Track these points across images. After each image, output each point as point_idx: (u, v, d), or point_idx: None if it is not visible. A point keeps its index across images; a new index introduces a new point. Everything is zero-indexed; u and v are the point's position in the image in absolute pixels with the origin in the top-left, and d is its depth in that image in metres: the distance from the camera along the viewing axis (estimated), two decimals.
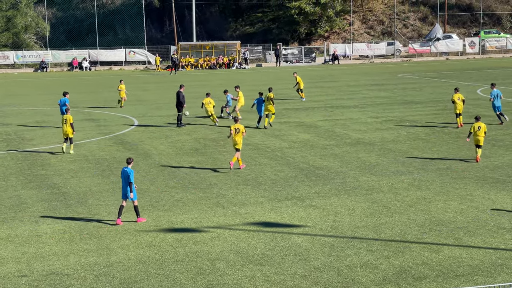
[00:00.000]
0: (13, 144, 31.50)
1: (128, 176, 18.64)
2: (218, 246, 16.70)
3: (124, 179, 18.75)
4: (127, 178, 18.66)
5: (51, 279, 14.77)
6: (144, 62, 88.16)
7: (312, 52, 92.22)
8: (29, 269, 15.34)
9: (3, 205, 20.75)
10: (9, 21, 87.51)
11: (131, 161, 19.04)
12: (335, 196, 21.38)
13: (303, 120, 37.20)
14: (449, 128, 33.50)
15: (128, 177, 18.63)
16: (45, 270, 15.29)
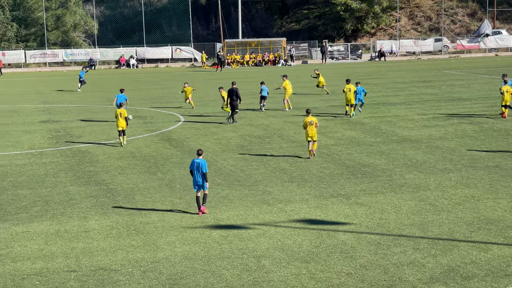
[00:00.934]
0: (62, 141, 31.97)
1: (202, 166, 19.15)
2: (263, 243, 16.72)
3: (198, 170, 19.16)
4: (201, 169, 19.15)
5: (99, 274, 14.95)
6: (190, 60, 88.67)
7: (358, 49, 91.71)
8: (78, 264, 15.55)
9: (53, 201, 21.08)
10: (59, 20, 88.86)
11: (201, 152, 19.55)
12: (381, 193, 21.23)
13: (348, 117, 36.98)
14: (498, 125, 33.01)
15: (203, 167, 19.15)
16: (93, 265, 15.49)
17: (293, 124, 35.21)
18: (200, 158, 19.39)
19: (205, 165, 19.26)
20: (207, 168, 19.36)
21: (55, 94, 54.04)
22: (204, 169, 19.19)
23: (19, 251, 16.53)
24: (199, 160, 19.29)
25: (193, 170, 19.29)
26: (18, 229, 18.30)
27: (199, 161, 19.28)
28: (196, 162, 19.26)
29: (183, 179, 23.56)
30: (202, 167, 19.18)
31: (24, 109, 44.31)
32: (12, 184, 23.47)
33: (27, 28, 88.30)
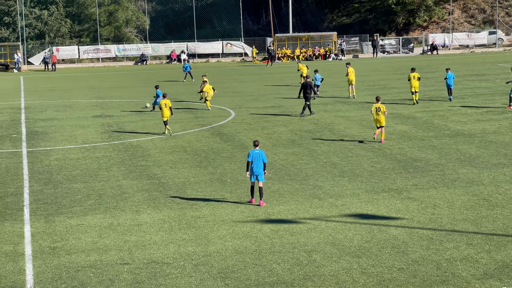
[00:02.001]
0: (115, 135, 32.37)
1: (263, 156, 19.65)
2: (314, 238, 16.70)
3: (258, 159, 19.58)
4: (263, 159, 19.63)
5: (152, 267, 15.12)
6: (241, 54, 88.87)
7: (410, 43, 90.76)
8: (131, 257, 15.75)
9: (106, 195, 21.37)
10: (111, 16, 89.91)
11: (258, 143, 20.08)
12: (433, 188, 21.00)
13: (400, 112, 36.68)
14: None
15: (263, 157, 19.67)
16: (145, 258, 15.67)
17: (344, 118, 35.04)
18: (257, 148, 19.84)
19: (264, 155, 19.79)
20: (266, 159, 19.86)
21: (108, 89, 54.72)
22: (265, 159, 19.72)
23: (74, 243, 16.81)
24: (258, 151, 19.78)
25: (252, 160, 19.60)
26: (73, 222, 18.61)
27: (258, 151, 19.75)
28: (256, 153, 19.69)
29: (234, 173, 23.66)
30: (263, 157, 19.69)
31: (77, 104, 44.99)
32: (67, 177, 23.87)
33: (80, 24, 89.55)
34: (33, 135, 32.77)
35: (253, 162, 19.65)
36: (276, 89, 49.89)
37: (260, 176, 19.64)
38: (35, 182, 23.32)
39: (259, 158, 19.65)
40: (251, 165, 19.64)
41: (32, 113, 40.61)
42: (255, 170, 19.61)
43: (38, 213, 19.49)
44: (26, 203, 20.62)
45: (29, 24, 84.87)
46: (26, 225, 18.43)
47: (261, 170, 19.64)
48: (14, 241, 17.14)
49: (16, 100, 48.51)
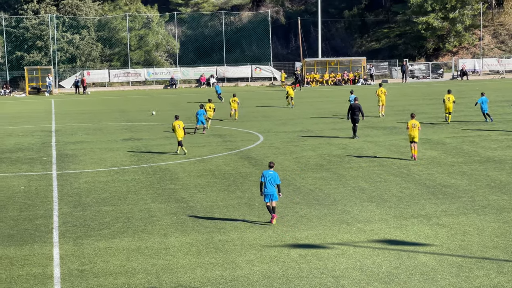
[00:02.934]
0: (144, 158, 32.53)
1: (276, 178, 20.13)
2: (342, 263, 16.59)
3: (272, 181, 20.07)
4: (276, 181, 20.12)
5: None
6: (269, 78, 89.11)
7: (440, 68, 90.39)
8: (158, 281, 15.76)
9: (134, 218, 21.45)
10: (141, 40, 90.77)
11: (273, 165, 20.59)
12: (463, 214, 20.79)
13: (429, 137, 36.46)
14: None
15: (277, 179, 20.16)
16: (173, 282, 15.67)
17: (373, 143, 34.91)
18: (272, 170, 20.30)
19: (278, 177, 20.28)
20: (279, 180, 20.33)
21: (137, 112, 55.10)
22: (278, 181, 20.20)
23: (102, 266, 16.87)
24: (272, 172, 20.22)
25: (265, 181, 20.08)
26: (101, 245, 18.68)
27: (272, 172, 20.21)
28: (270, 174, 20.14)
29: (262, 198, 23.62)
30: (276, 179, 20.17)
31: (107, 127, 45.35)
32: (96, 200, 24.01)
33: (111, 48, 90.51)
34: (63, 158, 33.06)
35: (266, 183, 20.10)
36: (304, 114, 49.90)
37: (274, 196, 20.15)
38: (65, 204, 23.49)
39: (272, 180, 20.11)
40: (264, 186, 20.12)
41: (62, 136, 41.00)
42: (269, 191, 20.11)
43: (67, 236, 19.61)
44: (56, 226, 20.77)
45: (61, 48, 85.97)
46: (55, 247, 18.54)
47: (274, 191, 20.11)
48: (43, 263, 17.25)
49: (47, 123, 49.04)
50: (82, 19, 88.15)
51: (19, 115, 55.55)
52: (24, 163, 32.00)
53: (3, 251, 18.30)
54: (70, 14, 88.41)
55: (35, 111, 59.21)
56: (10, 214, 22.28)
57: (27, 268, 16.90)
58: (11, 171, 30.11)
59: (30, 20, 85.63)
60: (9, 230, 20.36)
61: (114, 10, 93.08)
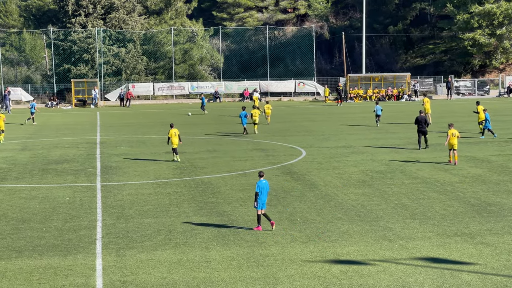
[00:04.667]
0: (187, 172, 32.72)
1: (267, 187, 21.14)
2: (384, 280, 16.45)
3: (265, 190, 21.01)
4: (267, 189, 21.11)
5: None
6: (313, 93, 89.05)
7: (486, 85, 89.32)
8: None
9: (176, 231, 21.57)
10: (186, 54, 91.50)
11: (263, 174, 21.50)
12: (508, 234, 20.48)
13: (475, 155, 36.03)
14: None
15: (267, 187, 21.14)
16: None
17: (416, 160, 34.61)
18: (263, 179, 21.22)
19: (268, 185, 21.28)
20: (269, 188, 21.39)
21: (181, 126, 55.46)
22: (268, 189, 21.22)
23: (144, 278, 16.98)
24: (265, 181, 21.18)
25: (260, 191, 20.95)
26: (143, 256, 18.82)
27: (265, 182, 21.16)
28: (263, 184, 21.07)
29: (303, 213, 23.59)
30: (267, 187, 21.19)
31: (151, 140, 45.74)
32: (138, 212, 24.21)
33: (156, 61, 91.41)
34: (107, 170, 33.42)
35: (261, 193, 20.94)
36: (347, 129, 49.73)
37: (265, 203, 21.19)
38: (108, 216, 23.73)
39: (266, 188, 21.06)
40: (259, 195, 20.92)
41: (107, 148, 41.46)
42: (263, 200, 21.03)
43: (110, 247, 19.79)
44: (99, 237, 20.99)
45: (107, 61, 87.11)
46: (98, 258, 18.73)
47: (265, 199, 21.12)
48: (86, 274, 17.43)
49: (92, 135, 49.66)
50: (128, 32, 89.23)
51: (65, 127, 56.35)
52: (69, 174, 32.43)
53: (48, 261, 18.54)
54: (116, 28, 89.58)
55: (80, 123, 60.01)
56: (55, 225, 22.59)
57: (70, 278, 17.09)
58: (57, 182, 30.53)
59: (77, 33, 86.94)
60: (54, 240, 20.63)
61: (160, 24, 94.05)
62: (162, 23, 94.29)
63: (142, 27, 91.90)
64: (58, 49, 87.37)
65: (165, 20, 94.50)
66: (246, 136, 46.08)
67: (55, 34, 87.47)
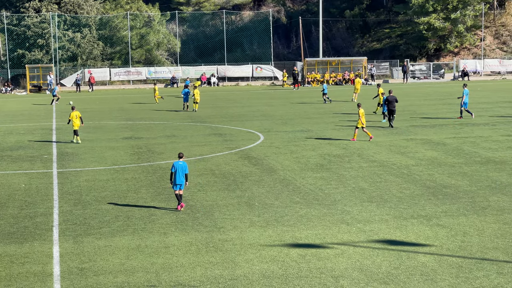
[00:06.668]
0: (144, 157, 32.54)
1: (185, 168, 21.71)
2: (342, 263, 16.59)
3: (181, 171, 21.59)
4: (184, 170, 21.67)
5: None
6: (270, 78, 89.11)
7: (441, 68, 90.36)
8: (158, 280, 15.77)
9: (134, 217, 21.46)
10: (143, 38, 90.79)
11: (182, 155, 22.15)
12: (463, 215, 20.80)
13: (430, 138, 36.47)
14: None
15: (185, 169, 21.73)
16: (172, 281, 15.67)
17: (373, 143, 34.92)
18: (181, 160, 21.83)
19: (187, 167, 21.85)
20: (188, 170, 21.91)
21: (138, 111, 55.13)
22: (186, 171, 21.80)
23: (101, 265, 16.88)
24: (182, 162, 21.78)
25: (175, 171, 21.60)
26: (101, 243, 18.70)
27: (181, 163, 21.77)
28: (179, 164, 21.70)
29: (262, 197, 23.65)
30: (185, 168, 21.73)
31: (108, 126, 45.36)
32: (96, 199, 24.02)
33: (112, 46, 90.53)
34: (63, 156, 33.07)
35: (176, 173, 21.59)
36: (305, 113, 49.91)
37: (182, 185, 21.77)
38: (65, 202, 23.50)
39: (182, 169, 21.64)
40: (174, 176, 21.60)
41: (63, 134, 41.01)
42: (178, 180, 21.62)
43: (67, 234, 19.62)
44: (56, 224, 20.78)
45: (62, 46, 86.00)
46: (55, 245, 18.55)
47: (183, 180, 21.69)
48: (43, 261, 17.25)
49: (48, 121, 49.06)
50: (84, 17, 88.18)
51: (20, 113, 55.59)
52: (25, 161, 32.01)
53: (3, 249, 18.31)
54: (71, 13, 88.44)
55: (36, 109, 59.24)
56: (11, 212, 22.30)
57: (27, 266, 16.91)
58: (12, 169, 30.12)
59: (31, 18, 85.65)
60: (9, 228, 20.37)
61: (116, 9, 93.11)
62: (118, 7, 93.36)
63: (97, 11, 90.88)
64: (11, 34, 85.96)
65: (121, 4, 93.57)
66: (204, 121, 45.96)
67: (8, 19, 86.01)
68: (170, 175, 21.98)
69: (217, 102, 61.87)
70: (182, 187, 21.92)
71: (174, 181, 21.77)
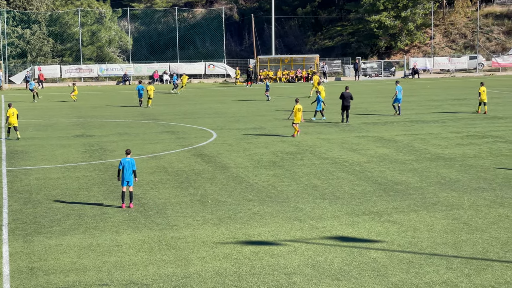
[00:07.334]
0: (96, 155, 32.24)
1: (132, 164, 21.73)
2: (295, 260, 16.67)
3: (128, 167, 21.63)
4: (132, 167, 21.70)
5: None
6: (223, 75, 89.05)
7: (392, 66, 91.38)
8: (110, 278, 15.64)
9: (86, 215, 21.24)
10: (94, 35, 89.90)
11: (130, 152, 22.21)
12: (413, 211, 21.07)
13: (381, 135, 36.85)
14: None
15: (133, 165, 21.74)
16: (125, 279, 15.57)
17: (325, 141, 35.15)
18: (128, 157, 21.88)
19: (134, 163, 21.86)
20: (135, 166, 21.93)
21: (89, 109, 54.58)
22: (134, 167, 21.82)
23: (52, 264, 16.67)
24: (129, 159, 21.82)
25: (123, 168, 21.66)
26: (52, 242, 18.47)
27: (129, 159, 21.80)
28: (127, 161, 21.73)
29: (215, 195, 23.63)
30: (132, 165, 21.75)
31: (58, 123, 44.81)
32: (46, 197, 23.71)
33: (63, 43, 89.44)
34: (13, 154, 32.57)
35: (124, 170, 21.63)
36: (257, 111, 50.01)
37: (130, 181, 21.79)
38: (14, 201, 23.15)
39: (129, 166, 21.67)
40: (122, 172, 21.68)
41: (12, 132, 40.35)
42: (126, 177, 21.68)
43: (17, 233, 19.33)
44: (5, 223, 20.45)
45: (11, 43, 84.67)
46: (4, 244, 18.26)
47: (131, 177, 21.73)
48: None
49: None
50: (33, 13, 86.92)
51: None
52: None
53: None
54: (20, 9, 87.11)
55: None
56: None
57: None
58: None
59: None
60: None
61: (66, 5, 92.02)
62: (68, 4, 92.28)
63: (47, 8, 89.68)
64: None
65: (72, 1, 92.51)
66: (156, 119, 45.73)
67: None
68: (118, 172, 22.07)
69: (169, 100, 61.58)
70: (131, 183, 21.92)
71: (122, 178, 21.82)
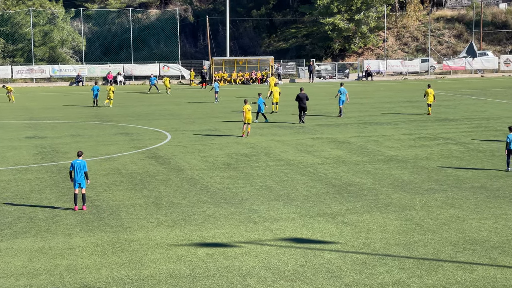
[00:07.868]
0: (48, 157, 31.84)
1: (83, 166, 21.65)
2: (249, 262, 16.68)
3: (79, 170, 21.55)
4: (83, 168, 21.61)
5: None
6: (178, 77, 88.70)
7: (346, 68, 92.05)
8: (62, 282, 15.45)
9: (37, 218, 20.96)
10: (46, 36, 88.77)
11: (81, 153, 22.18)
12: (367, 213, 21.25)
13: (335, 136, 37.10)
14: (484, 146, 33.18)
15: (84, 167, 21.66)
16: (77, 283, 15.39)
17: (280, 142, 35.25)
18: (80, 159, 21.81)
19: (85, 165, 21.80)
20: (87, 168, 21.87)
21: (42, 110, 53.88)
22: (85, 169, 21.74)
23: (2, 267, 16.41)
24: (80, 161, 21.73)
25: (73, 170, 21.58)
26: (2, 245, 18.17)
27: (80, 161, 21.72)
28: (78, 163, 21.66)
29: (169, 197, 23.51)
30: (84, 167, 21.67)
31: (9, 125, 44.14)
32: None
33: (14, 43, 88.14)
34: None
35: (75, 172, 21.54)
36: (212, 112, 49.94)
37: (82, 183, 21.67)
38: None
39: (80, 168, 21.59)
40: (74, 175, 21.55)
41: None
42: (77, 179, 21.58)
43: None
44: None
45: None
46: None
47: (82, 179, 21.62)
48: None
49: None
50: None
51: None
52: None
53: None
54: None
55: None
56: None
57: None
58: None
59: None
60: None
61: (17, 5, 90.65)
62: (20, 3, 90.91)
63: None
64: None
65: (23, 0, 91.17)
66: (111, 120, 45.34)
67: None
68: (70, 173, 21.89)
69: (123, 101, 61.11)
70: (83, 185, 21.77)
71: (74, 180, 21.68)
